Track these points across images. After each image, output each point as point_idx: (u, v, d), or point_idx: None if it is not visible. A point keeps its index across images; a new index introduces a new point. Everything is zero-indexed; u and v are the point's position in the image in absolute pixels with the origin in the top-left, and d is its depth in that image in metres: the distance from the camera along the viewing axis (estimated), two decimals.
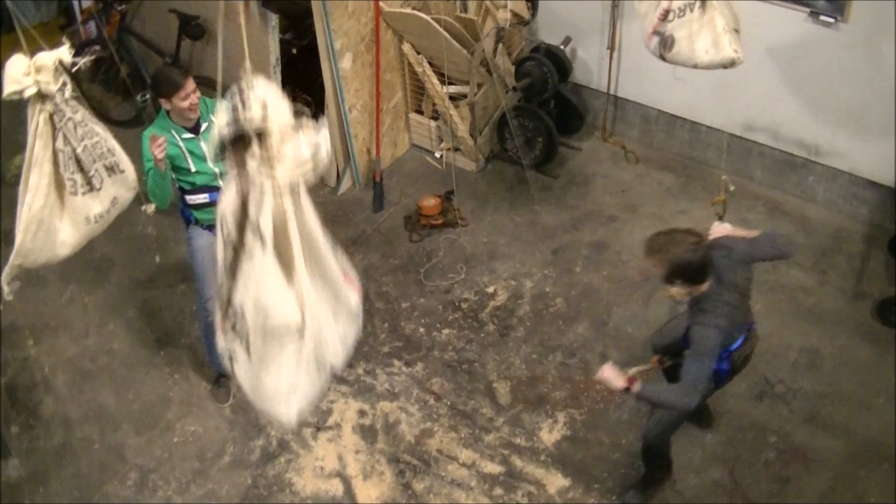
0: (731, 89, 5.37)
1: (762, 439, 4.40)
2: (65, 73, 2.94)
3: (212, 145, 2.35)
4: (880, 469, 4.23)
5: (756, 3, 4.95)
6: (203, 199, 4.20)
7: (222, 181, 4.09)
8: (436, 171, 6.11)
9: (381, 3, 5.49)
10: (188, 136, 4.10)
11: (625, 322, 5.01)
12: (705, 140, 5.87)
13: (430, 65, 5.74)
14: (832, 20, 4.85)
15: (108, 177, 3.24)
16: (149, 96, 5.93)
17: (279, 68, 5.23)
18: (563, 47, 5.86)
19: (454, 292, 5.26)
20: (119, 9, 6.03)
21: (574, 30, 5.94)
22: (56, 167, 3.05)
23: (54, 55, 2.89)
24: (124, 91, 6.43)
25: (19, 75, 2.85)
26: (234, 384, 4.58)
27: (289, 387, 2.50)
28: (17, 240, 3.11)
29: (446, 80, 5.74)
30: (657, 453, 4.06)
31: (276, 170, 2.26)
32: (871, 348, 4.76)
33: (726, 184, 4.29)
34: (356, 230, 5.70)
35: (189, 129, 4.11)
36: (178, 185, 4.21)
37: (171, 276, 5.44)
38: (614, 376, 3.51)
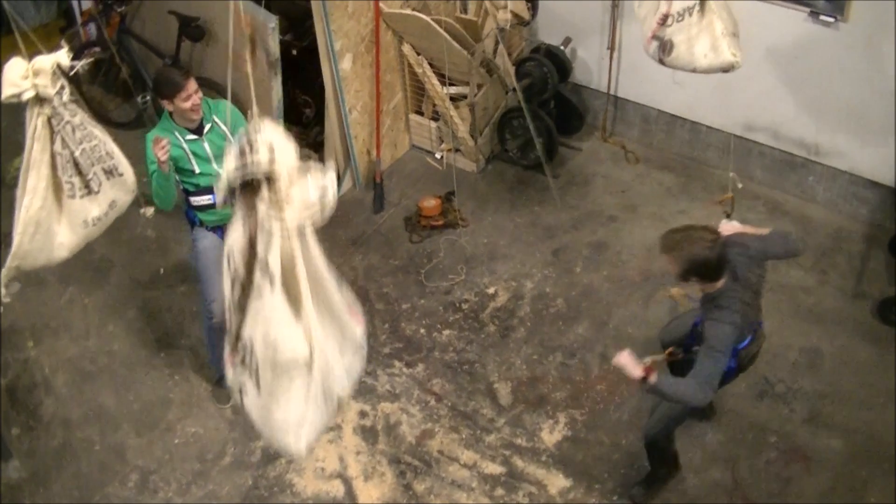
0: (731, 89, 5.36)
1: (762, 439, 4.40)
2: (63, 77, 2.95)
3: (221, 189, 2.39)
4: (880, 469, 4.23)
5: (756, 3, 4.95)
6: (207, 200, 4.17)
7: None
8: (436, 172, 6.11)
9: (381, 4, 5.49)
10: (191, 137, 4.08)
11: (625, 322, 5.01)
12: (705, 140, 5.86)
13: (431, 65, 5.74)
14: (832, 20, 4.85)
15: (106, 180, 3.24)
16: (149, 98, 5.94)
17: (279, 69, 5.23)
18: (563, 47, 5.86)
19: (455, 293, 5.27)
20: (119, 10, 6.02)
21: (574, 30, 5.94)
22: (54, 170, 3.06)
23: (52, 59, 2.90)
24: (124, 93, 6.42)
25: (17, 78, 2.87)
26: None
27: (298, 419, 2.54)
28: (15, 242, 3.12)
29: (446, 80, 5.75)
30: (660, 450, 4.07)
31: (285, 212, 2.32)
32: (871, 348, 4.76)
33: (734, 181, 4.27)
34: (356, 231, 5.70)
35: (192, 131, 4.08)
36: (181, 187, 4.20)
37: (171, 276, 5.45)
38: (632, 364, 3.44)
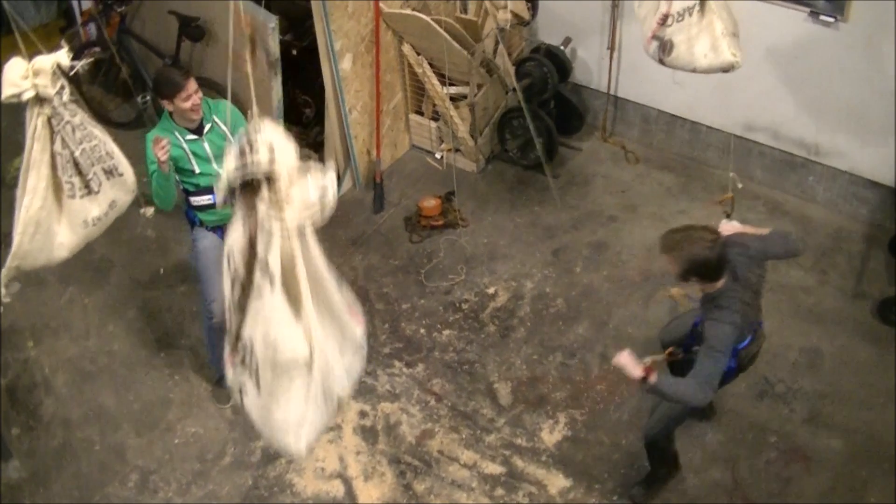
0: (731, 89, 5.36)
1: (762, 439, 4.40)
2: (63, 77, 2.95)
3: (221, 189, 2.39)
4: (880, 469, 4.23)
5: (756, 3, 4.95)
6: (207, 200, 4.17)
7: None
8: (436, 172, 6.11)
9: (381, 4, 5.49)
10: (191, 137, 4.08)
11: (625, 322, 5.01)
12: (705, 140, 5.86)
13: (431, 65, 5.74)
14: (832, 20, 4.85)
15: (106, 180, 3.24)
16: (149, 98, 5.93)
17: (279, 69, 5.23)
18: (563, 48, 5.86)
19: (454, 293, 5.26)
20: (119, 10, 6.02)
21: (574, 30, 5.94)
22: (54, 170, 3.06)
23: (52, 59, 2.91)
24: (124, 93, 6.42)
25: (17, 78, 2.87)
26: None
27: (298, 419, 2.54)
28: (15, 242, 3.13)
29: (446, 80, 5.75)
30: (660, 449, 4.07)
31: (285, 213, 2.33)
32: (871, 348, 4.76)
33: (734, 181, 4.27)
34: (356, 231, 5.70)
35: (192, 131, 4.08)
36: (182, 187, 4.20)
37: (171, 276, 5.45)
38: (632, 364, 3.44)
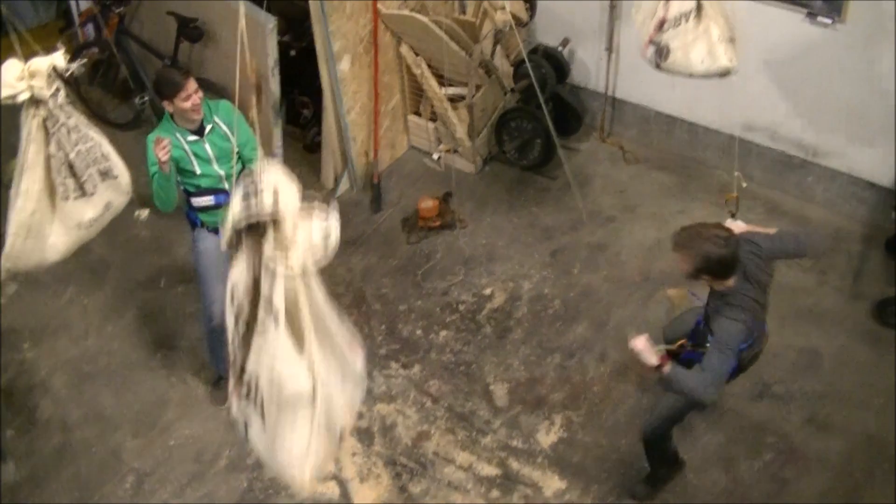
0: (729, 90, 5.30)
1: (761, 440, 4.39)
2: (58, 79, 2.95)
3: (225, 233, 2.41)
4: (879, 469, 4.23)
5: (754, 4, 4.94)
6: (208, 201, 4.18)
7: (227, 183, 4.11)
8: (434, 173, 6.11)
9: (379, 5, 5.48)
10: (192, 138, 4.07)
11: (624, 323, 5.00)
12: (704, 140, 5.86)
13: (429, 66, 5.73)
14: (829, 21, 4.84)
15: (101, 182, 3.24)
16: (147, 98, 5.93)
17: (277, 70, 5.23)
18: (561, 48, 5.86)
19: (452, 294, 5.26)
20: (117, 11, 6.01)
21: (572, 31, 5.93)
22: (48, 172, 3.06)
23: (48, 61, 2.91)
24: (123, 93, 6.41)
25: (13, 80, 2.87)
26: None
27: (302, 452, 2.60)
28: (7, 243, 3.13)
29: (445, 81, 5.74)
30: (658, 449, 4.07)
31: (290, 255, 2.34)
32: (870, 348, 4.75)
33: (738, 181, 4.26)
34: (354, 231, 5.69)
35: (193, 132, 4.07)
36: (182, 188, 4.19)
37: (169, 277, 5.44)
38: (649, 350, 3.42)
